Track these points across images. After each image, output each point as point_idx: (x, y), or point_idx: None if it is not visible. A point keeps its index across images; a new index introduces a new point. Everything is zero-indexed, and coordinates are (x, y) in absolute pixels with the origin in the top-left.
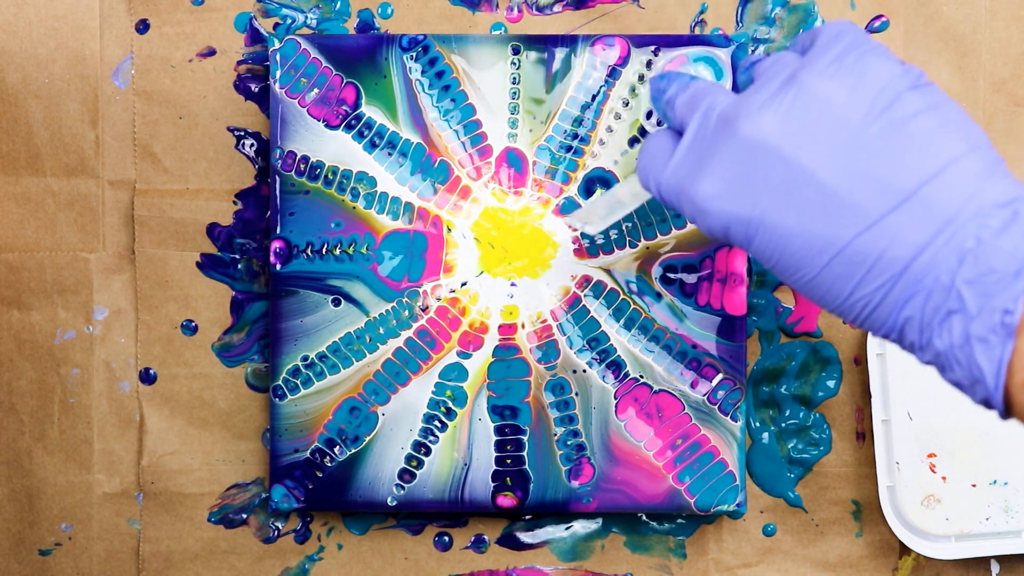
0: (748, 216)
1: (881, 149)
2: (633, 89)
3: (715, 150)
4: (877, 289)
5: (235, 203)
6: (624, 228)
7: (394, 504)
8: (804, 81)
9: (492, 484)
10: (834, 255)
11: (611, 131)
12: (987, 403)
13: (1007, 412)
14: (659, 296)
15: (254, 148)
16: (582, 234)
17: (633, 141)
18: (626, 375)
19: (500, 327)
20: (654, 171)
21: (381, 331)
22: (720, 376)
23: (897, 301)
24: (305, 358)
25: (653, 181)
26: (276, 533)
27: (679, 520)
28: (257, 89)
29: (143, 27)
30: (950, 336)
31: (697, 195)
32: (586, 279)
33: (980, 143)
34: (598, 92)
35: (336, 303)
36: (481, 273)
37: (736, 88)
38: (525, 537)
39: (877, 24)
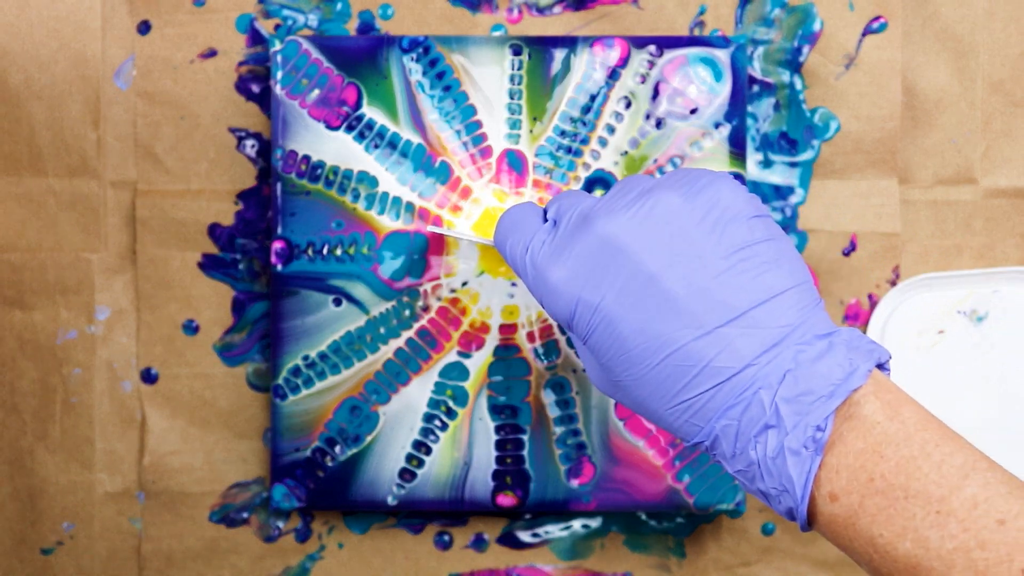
0: (595, 303)
1: (721, 268)
2: (633, 92)
3: (573, 241)
4: (701, 394)
5: (236, 203)
6: None
7: (395, 503)
8: (659, 195)
9: (492, 483)
10: (667, 355)
11: (611, 132)
12: (791, 514)
13: (809, 524)
14: None
15: (255, 149)
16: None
17: (633, 142)
18: None
19: (500, 327)
20: (515, 242)
21: (382, 331)
22: None
23: (718, 408)
24: (306, 358)
25: (512, 250)
26: (277, 532)
27: (678, 519)
28: (258, 90)
29: (144, 28)
30: (764, 447)
31: (551, 276)
32: None
33: (805, 280)
34: (598, 93)
35: (337, 303)
36: (481, 273)
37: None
38: (525, 536)
39: (876, 25)
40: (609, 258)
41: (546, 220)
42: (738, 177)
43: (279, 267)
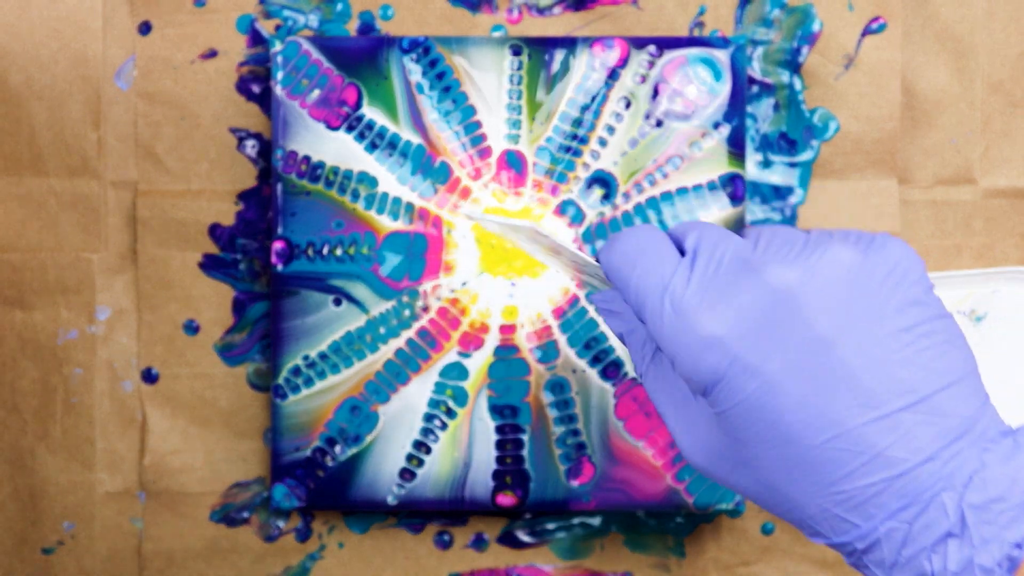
0: (755, 367)
1: (904, 341)
2: (632, 92)
3: (734, 289)
4: (869, 486)
5: (237, 204)
6: (622, 228)
7: (395, 503)
8: (832, 247)
9: (492, 483)
10: (831, 437)
11: (611, 132)
12: None
13: None
14: None
15: (256, 149)
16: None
17: (633, 142)
18: (625, 375)
19: (500, 327)
20: (645, 275)
21: (382, 331)
22: None
23: (884, 506)
24: (306, 357)
25: (641, 284)
26: (277, 532)
27: (678, 519)
28: (259, 90)
29: (145, 28)
30: (944, 560)
31: (703, 328)
32: None
33: (976, 366)
34: (598, 93)
35: (337, 303)
36: (481, 273)
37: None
38: (525, 536)
39: (875, 26)
40: (782, 315)
41: (681, 252)
42: (737, 178)
43: (279, 267)
